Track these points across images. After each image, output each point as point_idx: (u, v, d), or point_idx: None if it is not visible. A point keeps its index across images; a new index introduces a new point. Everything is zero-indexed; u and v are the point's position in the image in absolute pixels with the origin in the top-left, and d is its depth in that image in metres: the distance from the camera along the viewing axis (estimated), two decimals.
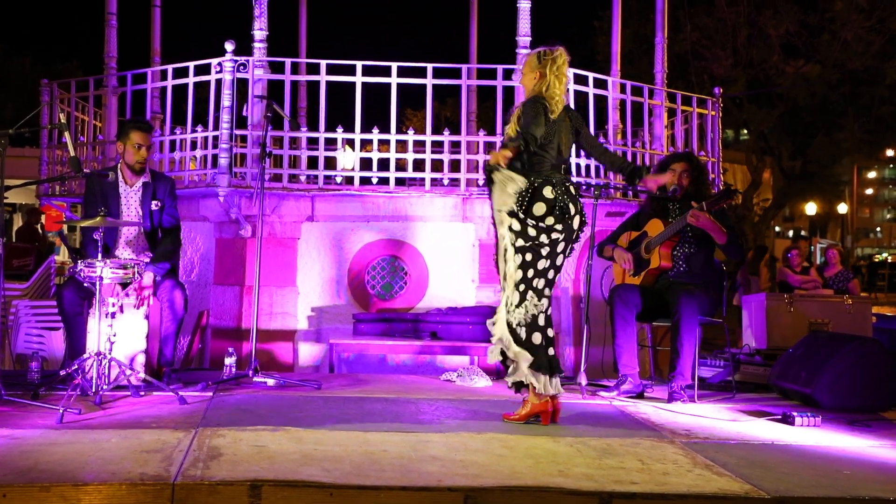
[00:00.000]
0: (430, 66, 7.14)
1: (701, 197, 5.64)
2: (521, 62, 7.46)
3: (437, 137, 7.22)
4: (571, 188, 4.57)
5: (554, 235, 4.46)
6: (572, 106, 7.20)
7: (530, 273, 4.46)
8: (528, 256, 4.45)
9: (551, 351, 4.53)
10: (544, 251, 4.46)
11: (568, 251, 4.60)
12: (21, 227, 14.92)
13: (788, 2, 16.81)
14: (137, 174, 5.57)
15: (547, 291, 4.54)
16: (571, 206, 4.50)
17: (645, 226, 5.83)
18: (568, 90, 7.21)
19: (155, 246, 5.57)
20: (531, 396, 4.57)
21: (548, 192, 4.45)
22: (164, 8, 8.98)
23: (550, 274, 4.53)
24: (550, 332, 4.55)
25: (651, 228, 5.77)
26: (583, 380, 5.56)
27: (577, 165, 7.28)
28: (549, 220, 4.44)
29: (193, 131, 7.23)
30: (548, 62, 4.57)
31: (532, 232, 4.44)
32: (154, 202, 5.57)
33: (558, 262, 4.56)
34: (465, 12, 10.25)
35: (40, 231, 14.05)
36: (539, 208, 4.43)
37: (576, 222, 4.54)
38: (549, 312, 4.56)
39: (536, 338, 4.48)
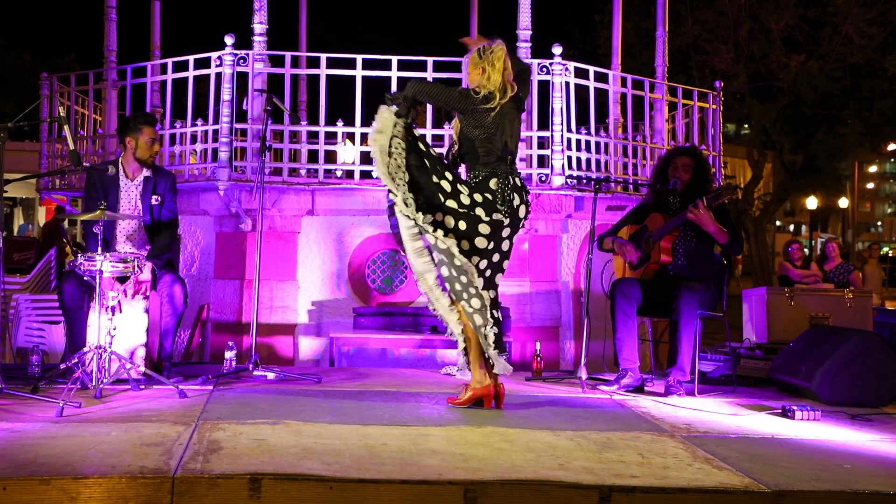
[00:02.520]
0: (430, 60, 7.12)
1: (702, 192, 5.63)
2: (521, 56, 7.45)
3: (438, 131, 7.21)
4: (517, 180, 4.72)
5: (496, 217, 4.61)
6: (566, 97, 7.22)
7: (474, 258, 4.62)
8: (472, 240, 4.59)
9: (496, 331, 4.67)
10: (485, 229, 4.59)
11: (514, 239, 4.76)
12: (46, 223, 14.86)
13: None
14: (141, 167, 5.59)
15: (488, 273, 4.67)
16: (516, 196, 4.67)
17: (646, 220, 5.83)
18: (570, 82, 7.22)
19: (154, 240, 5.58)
20: (473, 381, 4.75)
21: (493, 183, 4.63)
22: (163, 1, 8.97)
23: (494, 258, 4.67)
24: (495, 314, 4.69)
25: (651, 222, 5.76)
26: (583, 374, 5.57)
27: (578, 159, 7.27)
28: (497, 207, 4.61)
29: (193, 125, 7.22)
30: (487, 56, 4.71)
31: (479, 212, 4.59)
32: (154, 196, 5.59)
33: (504, 246, 4.71)
34: (466, 5, 10.23)
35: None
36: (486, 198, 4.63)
37: (521, 212, 4.72)
38: (493, 295, 4.69)
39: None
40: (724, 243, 5.55)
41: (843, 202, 40.89)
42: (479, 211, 4.59)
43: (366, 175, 7.10)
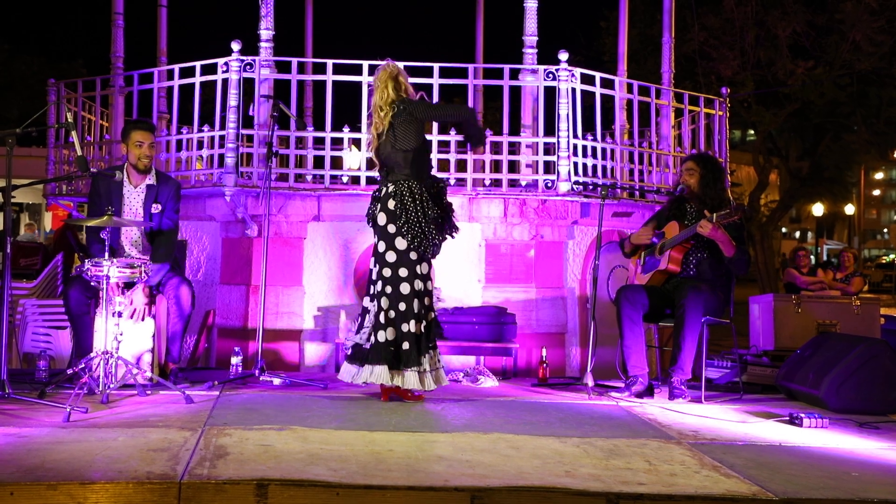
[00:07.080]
0: (436, 66, 7.12)
1: (715, 198, 5.64)
2: (527, 62, 7.46)
3: (444, 137, 7.21)
4: (383, 189, 5.12)
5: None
6: (572, 103, 7.21)
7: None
8: None
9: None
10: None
11: (384, 247, 5.08)
12: (57, 229, 14.82)
13: (797, 2, 16.72)
14: (142, 174, 5.57)
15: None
16: (376, 205, 5.13)
17: (664, 226, 5.85)
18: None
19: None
20: None
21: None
22: (170, 8, 8.99)
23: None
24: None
25: (669, 230, 5.78)
26: (589, 380, 5.55)
27: (584, 166, 7.26)
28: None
29: (200, 131, 7.23)
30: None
31: None
32: (155, 205, 5.55)
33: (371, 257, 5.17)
34: (472, 12, 10.25)
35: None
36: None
37: (380, 219, 5.10)
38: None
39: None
40: (730, 256, 5.51)
41: (850, 209, 40.84)
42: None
43: (371, 181, 7.09)
